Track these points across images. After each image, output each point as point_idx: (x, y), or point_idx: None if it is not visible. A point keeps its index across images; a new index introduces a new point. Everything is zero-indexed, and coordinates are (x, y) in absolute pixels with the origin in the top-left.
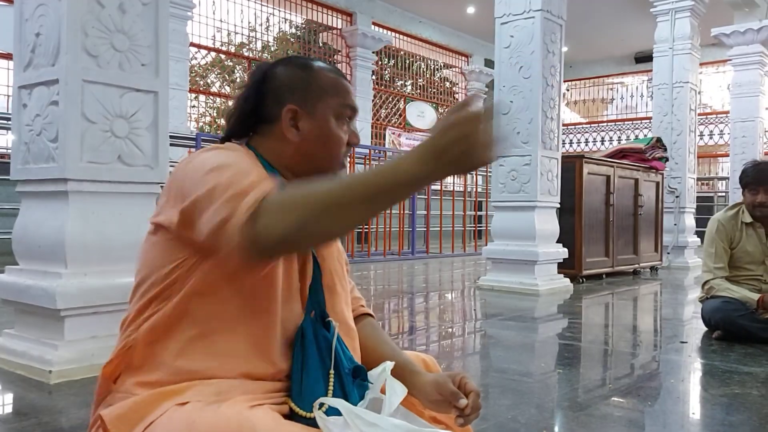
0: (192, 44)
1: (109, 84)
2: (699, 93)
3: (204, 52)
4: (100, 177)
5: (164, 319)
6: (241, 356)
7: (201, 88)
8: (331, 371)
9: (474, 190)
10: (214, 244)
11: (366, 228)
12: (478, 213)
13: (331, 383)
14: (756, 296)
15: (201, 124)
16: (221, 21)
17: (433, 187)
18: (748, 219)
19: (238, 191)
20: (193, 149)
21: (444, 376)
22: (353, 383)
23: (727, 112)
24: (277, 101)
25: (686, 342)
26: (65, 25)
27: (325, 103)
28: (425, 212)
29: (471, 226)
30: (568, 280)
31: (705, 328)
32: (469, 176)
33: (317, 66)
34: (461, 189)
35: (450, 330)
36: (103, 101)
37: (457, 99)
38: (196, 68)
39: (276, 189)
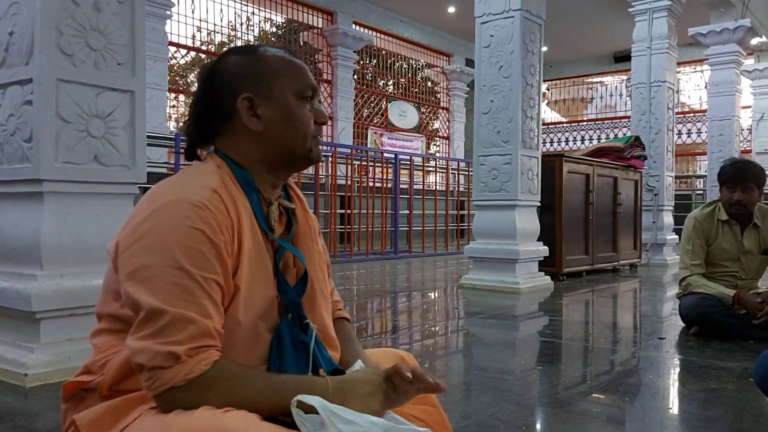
0: (171, 43)
1: (84, 83)
2: (677, 92)
3: (183, 51)
4: (76, 177)
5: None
6: None
7: (181, 88)
8: (309, 374)
9: (456, 189)
10: (136, 368)
11: (348, 228)
12: (460, 212)
13: None
14: (732, 292)
15: (181, 124)
16: (201, 20)
17: (415, 186)
18: (724, 216)
19: (184, 342)
20: (172, 149)
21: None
22: None
23: (704, 111)
24: (230, 94)
25: (664, 338)
26: (39, 24)
27: (280, 84)
28: (408, 212)
29: (453, 226)
30: (548, 278)
31: (683, 324)
32: (451, 175)
33: (264, 49)
34: (443, 188)
35: (432, 329)
36: (79, 101)
37: (438, 98)
38: (175, 68)
39: (215, 354)
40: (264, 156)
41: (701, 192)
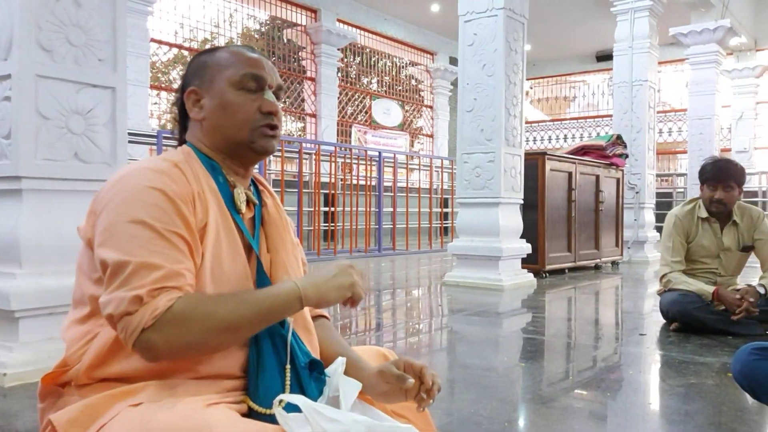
0: (153, 40)
1: (64, 79)
2: (658, 91)
3: (165, 48)
4: (56, 174)
5: (109, 346)
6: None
7: (163, 85)
8: (288, 366)
9: (440, 187)
10: (111, 324)
11: (332, 225)
12: (444, 210)
13: (288, 378)
14: (711, 289)
15: (163, 121)
16: (183, 17)
17: (399, 184)
18: (704, 214)
19: (146, 285)
20: (154, 147)
21: (387, 363)
22: (310, 377)
23: (685, 110)
24: (184, 91)
25: (645, 334)
26: (18, 19)
27: (220, 76)
28: (392, 209)
29: (437, 223)
30: (531, 275)
31: (663, 321)
32: (434, 173)
33: (221, 48)
34: (427, 186)
35: (416, 326)
36: (58, 97)
37: (422, 96)
38: (157, 65)
39: (180, 293)
40: (213, 143)
41: (682, 190)
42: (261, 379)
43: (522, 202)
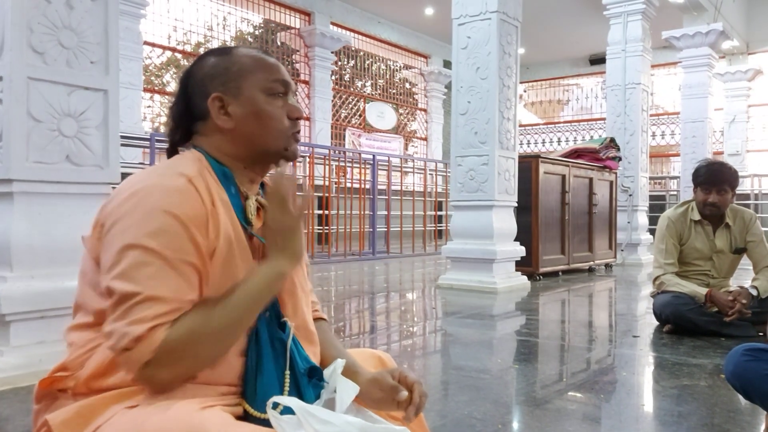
0: (146, 43)
1: (56, 82)
2: (651, 94)
3: (159, 51)
4: (48, 177)
5: (110, 359)
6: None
7: (156, 88)
8: (287, 372)
9: (434, 190)
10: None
11: (326, 229)
12: (438, 213)
13: (287, 384)
14: (704, 291)
15: (156, 124)
16: (176, 20)
17: (393, 187)
18: (697, 216)
19: (147, 321)
20: (147, 150)
21: (383, 371)
22: (308, 383)
23: (678, 113)
24: (202, 95)
25: (639, 336)
26: (9, 21)
27: (249, 82)
28: (386, 212)
29: (431, 226)
30: (525, 277)
31: (657, 323)
32: (428, 176)
33: (236, 49)
34: (421, 189)
35: (410, 329)
36: (50, 99)
37: (416, 100)
38: (150, 68)
39: (173, 319)
40: (237, 153)
41: (675, 193)
42: (259, 384)
43: (516, 204)
